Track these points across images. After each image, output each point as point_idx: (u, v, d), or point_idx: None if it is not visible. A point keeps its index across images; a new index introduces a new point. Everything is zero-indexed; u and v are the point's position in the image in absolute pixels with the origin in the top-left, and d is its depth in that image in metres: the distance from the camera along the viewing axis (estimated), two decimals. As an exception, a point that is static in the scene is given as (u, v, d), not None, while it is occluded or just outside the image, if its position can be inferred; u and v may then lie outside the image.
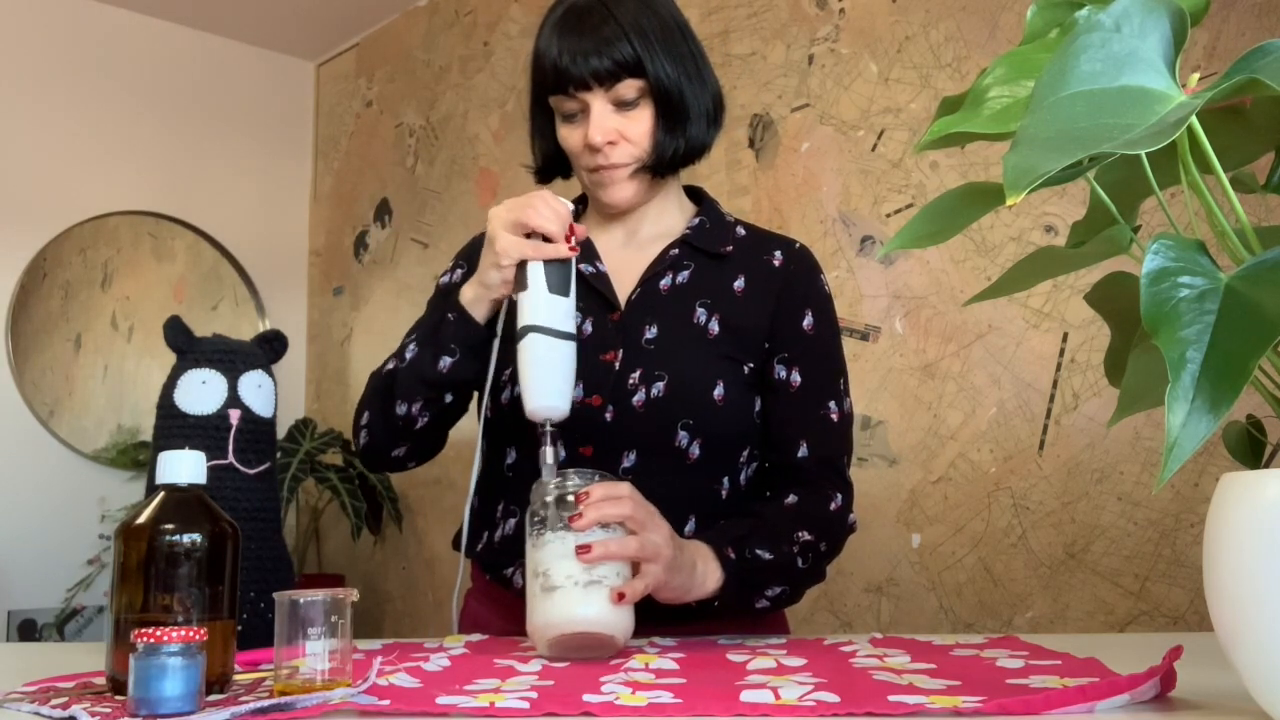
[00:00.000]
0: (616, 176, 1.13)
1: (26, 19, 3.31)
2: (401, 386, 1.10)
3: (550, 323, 1.01)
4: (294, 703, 0.62)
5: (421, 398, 1.10)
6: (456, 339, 1.08)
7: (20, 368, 3.23)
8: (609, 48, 1.07)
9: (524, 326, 1.01)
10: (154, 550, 0.73)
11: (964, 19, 2.05)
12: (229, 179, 3.68)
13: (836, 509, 1.12)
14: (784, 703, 0.63)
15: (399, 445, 1.15)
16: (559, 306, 1.02)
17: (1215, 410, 0.48)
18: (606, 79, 1.08)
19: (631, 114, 1.10)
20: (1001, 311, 1.93)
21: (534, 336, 1.00)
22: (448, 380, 1.09)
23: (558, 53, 1.08)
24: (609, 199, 1.15)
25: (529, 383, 1.00)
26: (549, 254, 1.02)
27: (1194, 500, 1.66)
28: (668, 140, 1.12)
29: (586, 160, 1.13)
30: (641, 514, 0.92)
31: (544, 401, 0.99)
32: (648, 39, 1.08)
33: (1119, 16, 0.53)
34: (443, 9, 3.41)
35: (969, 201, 0.67)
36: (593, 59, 1.07)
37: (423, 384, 1.09)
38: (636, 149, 1.12)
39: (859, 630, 2.06)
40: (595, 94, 1.09)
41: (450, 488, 3.09)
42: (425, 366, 1.09)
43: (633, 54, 1.07)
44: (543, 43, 1.11)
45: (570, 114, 1.12)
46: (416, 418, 1.11)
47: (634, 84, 1.09)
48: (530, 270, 1.02)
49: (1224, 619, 0.54)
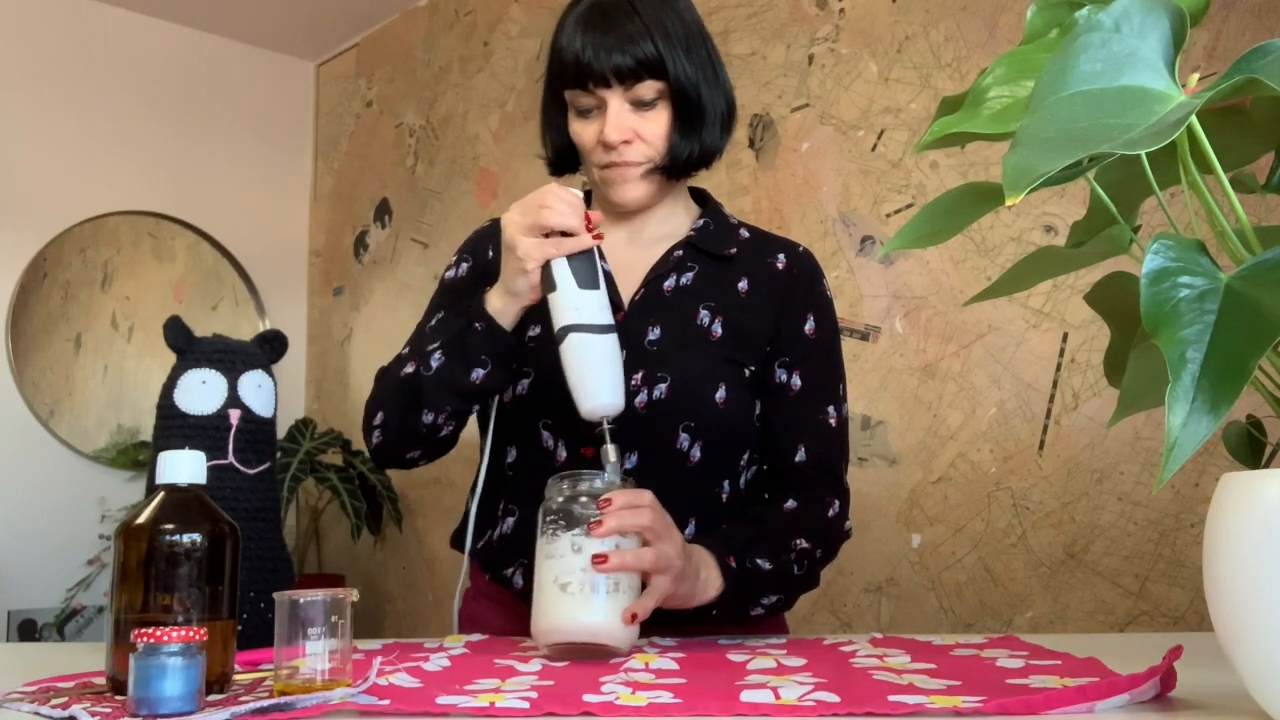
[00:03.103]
0: (628, 175, 1.12)
1: (26, 19, 3.30)
2: (429, 396, 1.07)
3: (587, 319, 0.97)
4: (294, 703, 0.62)
5: (452, 408, 1.08)
6: (487, 350, 1.04)
7: (20, 368, 3.23)
8: (632, 45, 1.06)
9: (562, 328, 0.97)
10: (154, 550, 0.73)
11: (964, 19, 2.05)
12: (229, 179, 3.68)
13: (834, 515, 1.12)
14: (784, 703, 0.63)
15: (417, 449, 1.13)
16: (592, 300, 0.99)
17: (1215, 410, 0.48)
18: (628, 77, 1.07)
19: (648, 114, 1.10)
20: (1001, 311, 1.93)
21: (574, 337, 0.97)
22: (480, 391, 1.07)
23: (580, 47, 1.07)
24: (618, 198, 1.14)
25: (580, 384, 0.96)
26: (573, 248, 0.99)
27: (1194, 500, 1.66)
28: (684, 143, 1.12)
29: (599, 157, 1.12)
30: (660, 525, 0.91)
31: (599, 400, 0.96)
32: (670, 39, 1.08)
33: (1119, 16, 0.53)
34: (443, 9, 3.41)
35: (969, 201, 0.67)
36: (615, 55, 1.06)
37: (454, 395, 1.07)
38: (650, 149, 1.11)
39: (859, 630, 2.06)
40: (614, 91, 1.08)
41: (450, 488, 3.09)
42: (457, 378, 1.06)
43: (655, 53, 1.07)
44: (565, 36, 1.10)
45: (585, 109, 1.11)
46: (442, 426, 1.10)
47: (653, 85, 1.08)
48: (556, 269, 0.99)
49: (1224, 619, 0.54)
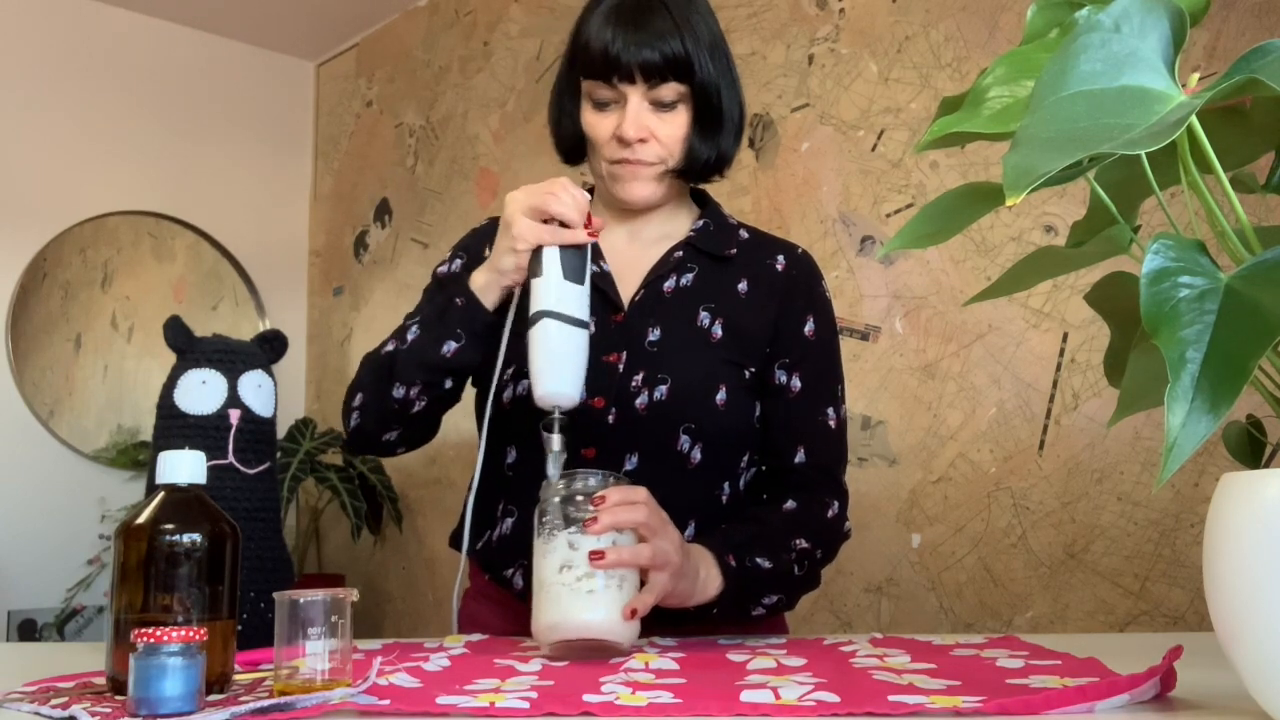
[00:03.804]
0: (640, 173, 1.12)
1: (26, 19, 3.30)
2: (401, 369, 1.08)
3: (563, 308, 0.99)
4: (294, 703, 0.62)
5: (421, 381, 1.08)
6: (462, 324, 1.06)
7: (20, 368, 3.23)
8: (661, 42, 1.06)
9: (536, 311, 0.99)
10: (154, 550, 0.73)
11: (964, 19, 2.05)
12: (229, 179, 3.68)
13: (833, 516, 1.12)
14: (784, 703, 0.63)
15: (391, 429, 1.13)
16: (573, 293, 1.00)
17: (1215, 410, 0.48)
18: (654, 75, 1.07)
19: (665, 116, 1.10)
20: (1001, 311, 1.93)
21: (546, 321, 0.98)
22: (450, 365, 1.07)
23: (611, 39, 1.07)
24: (626, 194, 1.14)
25: (539, 368, 0.98)
26: (567, 239, 1.00)
27: (1194, 500, 1.66)
28: (702, 147, 1.12)
29: (611, 151, 1.12)
30: (655, 521, 0.91)
31: (553, 387, 0.98)
32: (699, 41, 1.08)
33: (1119, 16, 0.53)
34: (443, 9, 3.41)
35: (969, 201, 0.67)
36: (645, 51, 1.06)
37: (423, 367, 1.07)
38: (663, 150, 1.11)
39: (859, 630, 2.06)
40: (635, 88, 1.08)
41: (450, 488, 3.09)
42: (428, 350, 1.07)
43: (684, 52, 1.07)
44: (593, 27, 1.09)
45: (603, 102, 1.11)
46: (413, 401, 1.09)
47: (675, 88, 1.08)
48: (546, 256, 1.00)
49: (1224, 619, 0.54)
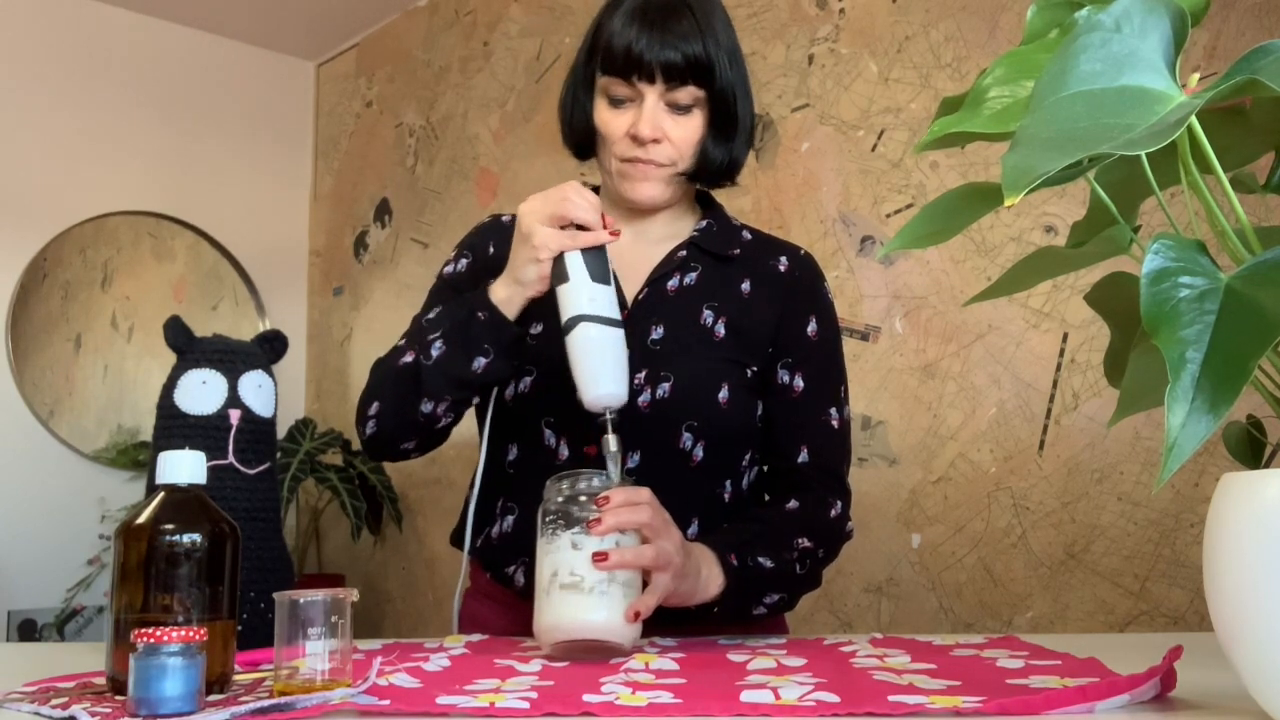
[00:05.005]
0: (650, 173, 1.12)
1: (26, 19, 3.30)
2: (429, 385, 1.07)
3: (597, 310, 0.98)
4: (294, 703, 0.62)
5: (451, 397, 1.08)
6: (490, 339, 1.05)
7: (20, 368, 3.23)
8: (685, 44, 1.07)
9: (572, 317, 0.98)
10: (154, 550, 0.73)
11: (964, 19, 2.05)
12: (229, 179, 3.68)
13: (835, 516, 1.13)
14: (784, 703, 0.63)
15: (412, 439, 1.13)
16: (604, 294, 1.00)
17: (1215, 410, 0.48)
18: (674, 76, 1.07)
19: (680, 119, 1.10)
20: (1001, 311, 1.93)
21: (585, 326, 0.97)
22: (480, 381, 1.07)
23: (635, 37, 1.07)
24: (634, 194, 1.14)
25: (585, 373, 0.97)
26: (589, 241, 1.00)
27: (1194, 500, 1.66)
28: (717, 151, 1.13)
29: (623, 149, 1.12)
30: (658, 521, 0.91)
31: (603, 390, 0.97)
32: (720, 46, 1.09)
33: (1119, 16, 0.53)
34: (443, 9, 3.41)
35: (969, 202, 0.67)
36: (668, 51, 1.07)
37: (454, 384, 1.06)
38: (675, 153, 1.11)
39: (859, 630, 2.06)
40: (654, 88, 1.08)
41: (450, 487, 3.09)
42: (458, 366, 1.06)
43: (706, 56, 1.07)
44: (616, 24, 1.09)
45: (619, 99, 1.11)
46: (441, 416, 1.09)
47: (692, 92, 1.09)
48: (569, 261, 1.00)
49: (1224, 619, 0.54)
